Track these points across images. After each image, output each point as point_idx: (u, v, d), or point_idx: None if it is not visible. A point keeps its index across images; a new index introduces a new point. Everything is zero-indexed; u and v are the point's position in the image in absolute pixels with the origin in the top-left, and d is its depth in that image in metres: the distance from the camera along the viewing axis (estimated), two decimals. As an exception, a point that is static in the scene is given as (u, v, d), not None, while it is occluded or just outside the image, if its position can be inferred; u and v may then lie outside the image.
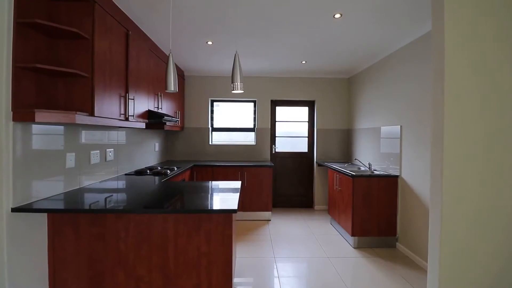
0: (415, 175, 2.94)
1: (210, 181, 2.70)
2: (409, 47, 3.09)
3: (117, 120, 2.23)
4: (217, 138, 4.95)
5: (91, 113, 1.89)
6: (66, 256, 1.84)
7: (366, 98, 4.18)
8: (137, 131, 3.30)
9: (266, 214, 4.22)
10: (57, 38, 1.88)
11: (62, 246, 1.85)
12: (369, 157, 3.99)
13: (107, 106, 2.08)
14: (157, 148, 4.07)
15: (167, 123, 3.52)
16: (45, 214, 1.81)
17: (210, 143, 4.85)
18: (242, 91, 2.04)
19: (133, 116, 2.47)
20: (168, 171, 3.10)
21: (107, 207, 1.79)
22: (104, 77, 2.04)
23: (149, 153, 3.77)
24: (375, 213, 3.23)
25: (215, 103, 4.96)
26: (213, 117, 4.94)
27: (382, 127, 3.65)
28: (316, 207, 4.90)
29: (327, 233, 3.71)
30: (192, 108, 4.80)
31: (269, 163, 4.33)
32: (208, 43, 3.22)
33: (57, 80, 1.89)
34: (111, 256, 1.85)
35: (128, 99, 2.39)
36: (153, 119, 2.95)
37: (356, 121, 4.57)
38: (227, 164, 4.21)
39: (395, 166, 3.29)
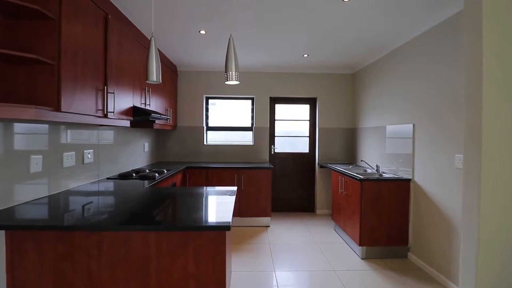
0: (430, 179, 2.65)
1: (202, 187, 2.40)
2: (419, 39, 2.81)
3: (93, 117, 1.92)
4: (212, 138, 4.64)
5: (57, 108, 1.58)
6: (28, 278, 1.54)
7: (372, 95, 3.89)
8: (122, 130, 2.99)
9: (265, 220, 3.92)
10: (17, 19, 1.58)
11: (23, 267, 1.54)
12: (375, 158, 3.70)
13: (79, 101, 1.77)
14: (146, 149, 3.76)
15: (156, 121, 3.22)
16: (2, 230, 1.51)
17: (205, 143, 4.54)
18: (238, 82, 1.74)
19: (113, 112, 2.16)
20: (157, 174, 2.79)
21: (77, 220, 1.49)
22: (75, 66, 1.73)
23: (137, 154, 3.46)
24: (385, 221, 2.94)
25: (210, 101, 4.65)
26: (208, 115, 4.63)
27: (388, 126, 3.37)
28: (318, 211, 4.61)
29: (331, 241, 3.41)
30: (186, 105, 4.48)
31: (268, 165, 4.03)
32: (201, 32, 2.91)
33: (17, 68, 1.59)
34: (81, 277, 1.55)
35: (107, 93, 2.08)
36: (139, 117, 2.64)
37: (361, 120, 4.28)
38: (223, 166, 3.91)
39: (405, 168, 3.01)
